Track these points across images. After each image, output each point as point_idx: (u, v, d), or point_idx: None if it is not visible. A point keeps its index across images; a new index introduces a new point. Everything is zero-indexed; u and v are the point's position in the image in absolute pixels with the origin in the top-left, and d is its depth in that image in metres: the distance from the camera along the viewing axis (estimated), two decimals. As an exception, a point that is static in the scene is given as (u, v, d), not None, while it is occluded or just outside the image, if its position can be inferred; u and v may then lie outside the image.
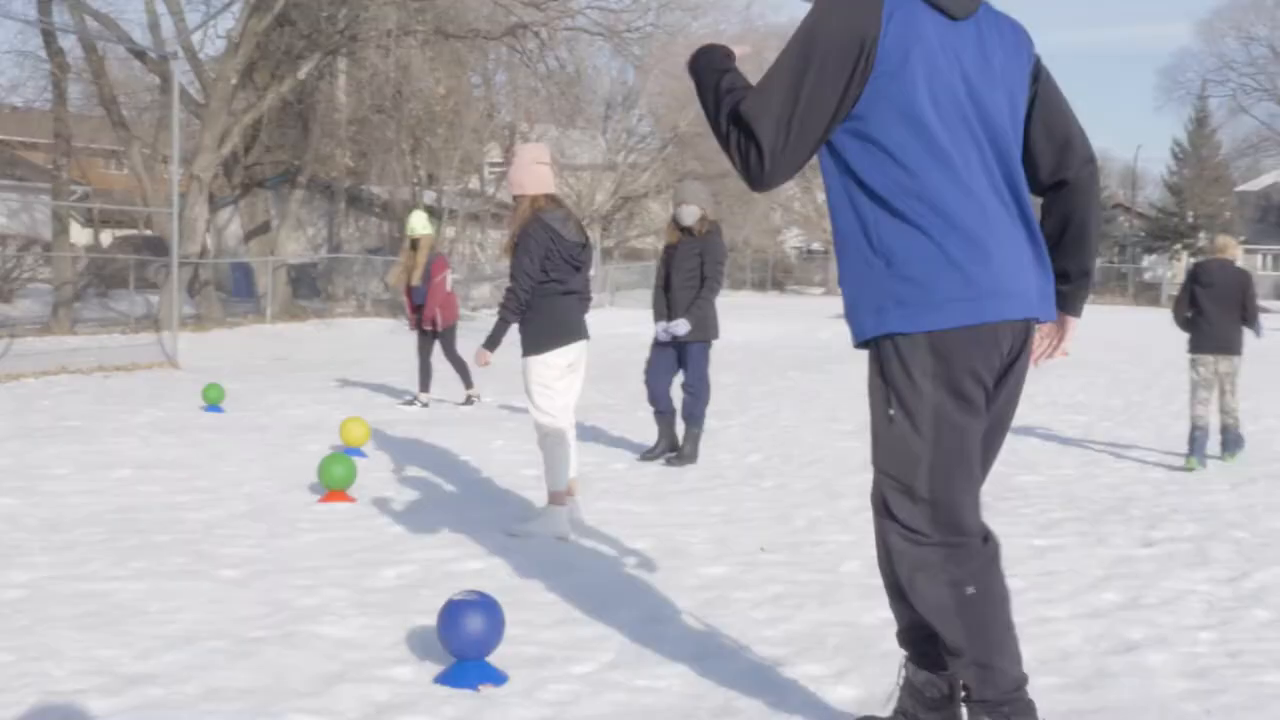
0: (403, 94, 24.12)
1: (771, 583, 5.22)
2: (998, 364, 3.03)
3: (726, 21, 35.41)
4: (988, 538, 3.10)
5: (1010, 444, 9.45)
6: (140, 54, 22.96)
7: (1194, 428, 8.81)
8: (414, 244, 11.85)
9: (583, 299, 6.29)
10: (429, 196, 35.39)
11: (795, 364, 17.07)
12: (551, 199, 6.21)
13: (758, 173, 2.99)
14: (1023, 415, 11.42)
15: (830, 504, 7.01)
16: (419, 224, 11.91)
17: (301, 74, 22.39)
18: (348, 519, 6.36)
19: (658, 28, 26.43)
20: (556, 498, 6.16)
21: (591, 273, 6.51)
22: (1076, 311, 3.32)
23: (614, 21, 22.33)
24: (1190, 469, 8.65)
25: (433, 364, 11.90)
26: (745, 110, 2.98)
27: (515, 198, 6.27)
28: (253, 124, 23.06)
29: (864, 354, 3.14)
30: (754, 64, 3.11)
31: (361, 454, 8.31)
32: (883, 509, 3.12)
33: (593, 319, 6.61)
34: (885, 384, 3.05)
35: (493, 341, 6.17)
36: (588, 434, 9.76)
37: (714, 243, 8.56)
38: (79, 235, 38.62)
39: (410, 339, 12.74)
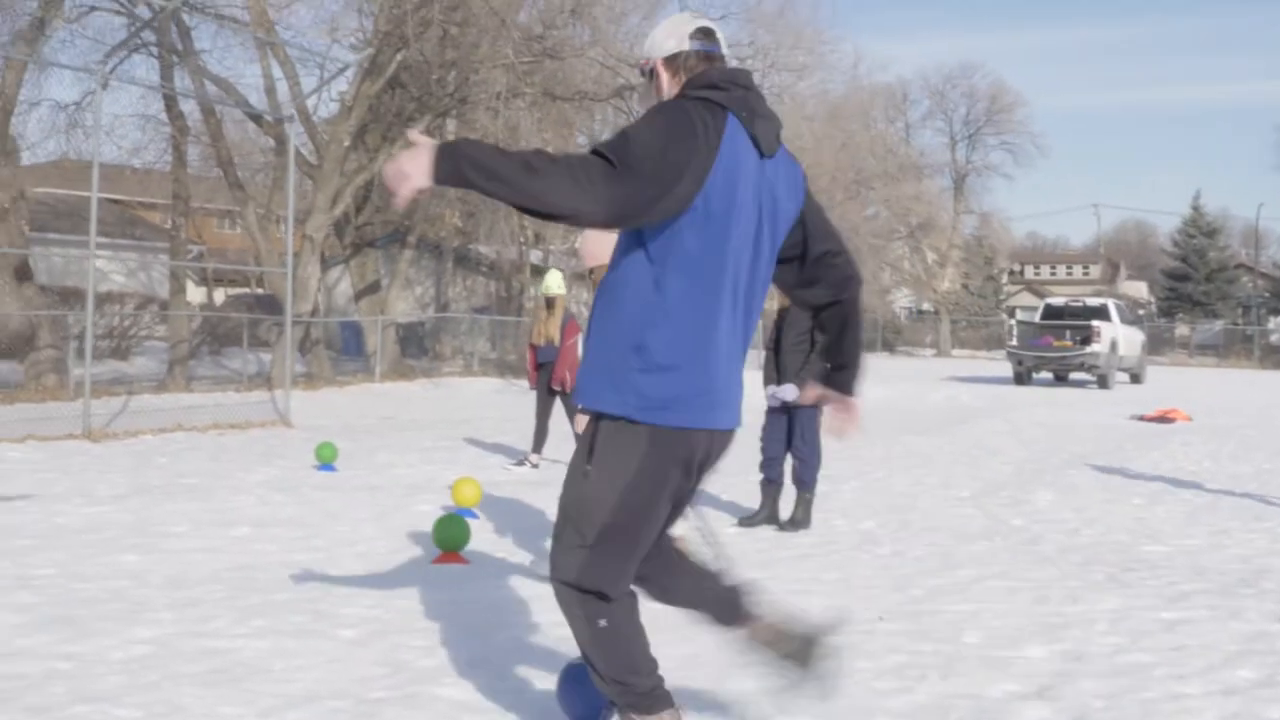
0: (511, 156, 24.42)
1: (892, 653, 5.11)
2: (701, 462, 3.50)
3: (833, 81, 35.39)
4: (629, 593, 3.55)
5: (1134, 513, 9.29)
6: (256, 117, 23.60)
7: None
8: (549, 303, 11.88)
9: None
10: (535, 256, 35.81)
11: (908, 427, 16.82)
12: None
13: (605, 190, 3.12)
14: (1146, 483, 11.18)
15: (949, 573, 6.86)
16: (555, 283, 11.91)
17: (412, 136, 22.80)
18: (462, 580, 6.37)
19: (763, 88, 26.52)
20: None
21: None
22: (855, 392, 3.81)
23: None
24: None
25: (549, 426, 11.90)
26: (603, 146, 3.17)
27: (592, 270, 6.37)
28: (364, 185, 23.52)
29: (977, 418, 3.33)
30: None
31: (473, 515, 8.34)
32: (557, 543, 3.51)
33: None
34: (593, 449, 3.42)
35: None
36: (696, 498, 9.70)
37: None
38: (193, 294, 39.65)
39: (518, 399, 12.78)
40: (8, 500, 8.70)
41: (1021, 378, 30.09)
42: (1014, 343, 30.50)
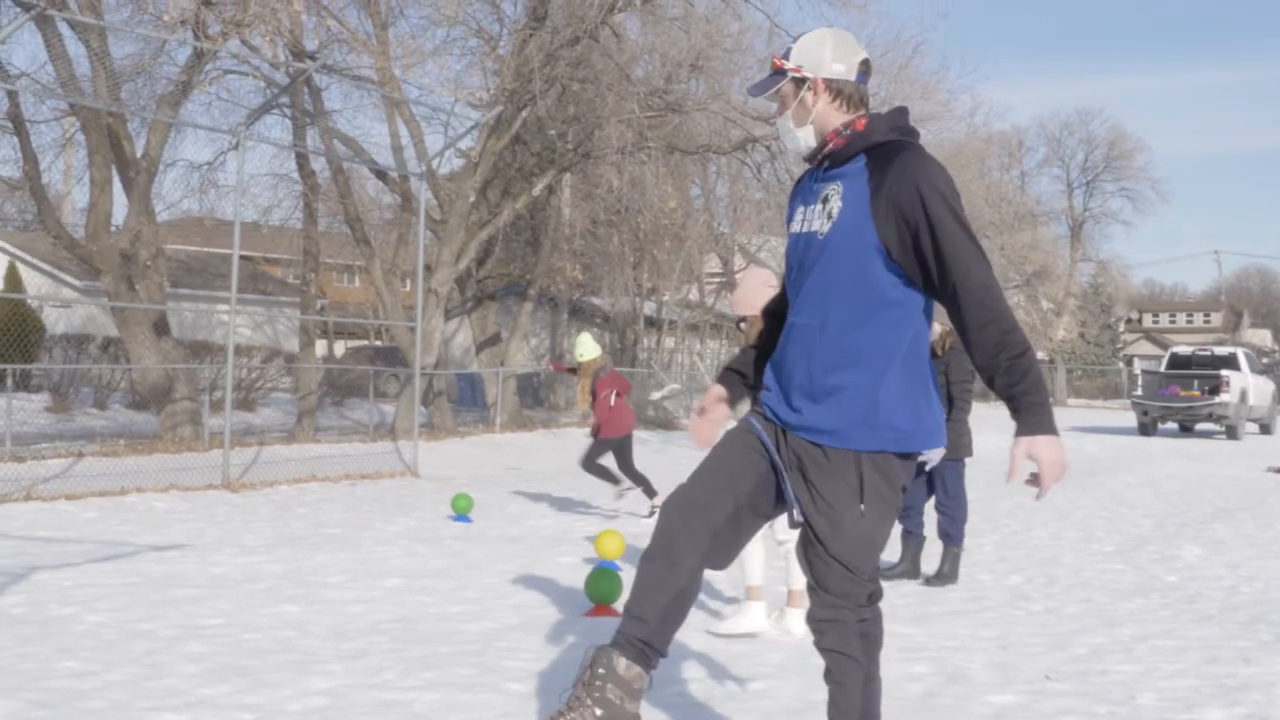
0: (631, 208, 24.66)
1: (1067, 714, 5.01)
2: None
3: (950, 130, 35.16)
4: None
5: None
6: (381, 174, 24.11)
7: None
8: (578, 369, 12.02)
9: None
10: (649, 307, 35.98)
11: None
12: None
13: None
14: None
15: (1109, 631, 6.72)
16: (583, 349, 11.99)
17: (537, 190, 23.13)
18: (618, 634, 6.38)
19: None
20: (754, 593, 6.43)
21: None
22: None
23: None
24: None
25: (638, 470, 12.01)
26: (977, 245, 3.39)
27: (743, 319, 6.43)
28: (487, 239, 23.87)
29: (1107, 470, 3.40)
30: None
31: (617, 567, 8.36)
32: (854, 598, 3.51)
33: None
34: (862, 488, 3.45)
35: None
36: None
37: (958, 360, 8.39)
38: (317, 346, 40.52)
39: (637, 450, 12.78)
40: (162, 550, 8.94)
41: (1146, 428, 29.47)
42: (1139, 392, 29.89)
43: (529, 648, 5.97)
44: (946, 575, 8.28)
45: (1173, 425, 30.62)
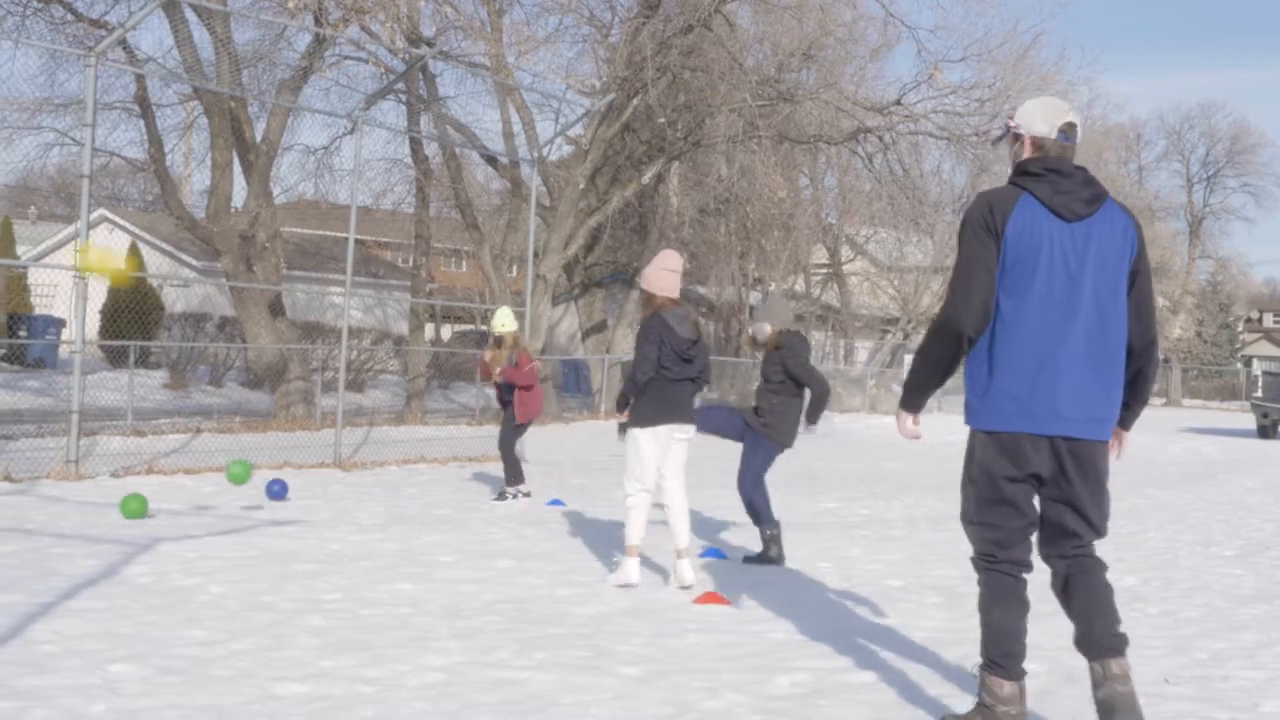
0: (739, 197, 24.61)
1: (1187, 718, 4.91)
2: (1034, 465, 4.30)
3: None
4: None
5: None
6: (492, 160, 24.34)
7: None
8: (499, 341, 11.73)
9: (696, 384, 7.41)
10: (754, 297, 35.88)
11: (1150, 480, 16.23)
12: (674, 301, 7.28)
13: (963, 324, 4.22)
14: None
15: (1231, 636, 6.57)
16: (500, 321, 11.80)
17: (646, 178, 23.18)
18: (728, 621, 6.40)
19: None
20: (631, 550, 7.26)
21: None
22: (1127, 427, 4.55)
23: (959, 125, 22.16)
24: None
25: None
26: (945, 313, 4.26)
27: (643, 290, 7.45)
28: (596, 226, 23.98)
29: (1226, 473, 4.23)
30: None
31: (723, 555, 8.38)
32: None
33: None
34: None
35: (620, 404, 7.58)
36: (945, 546, 9.54)
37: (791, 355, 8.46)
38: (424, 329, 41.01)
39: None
40: (280, 525, 9.14)
41: (1266, 431, 28.70)
42: (1259, 394, 29.11)
43: (640, 632, 6.01)
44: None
45: (1293, 428, 29.78)
